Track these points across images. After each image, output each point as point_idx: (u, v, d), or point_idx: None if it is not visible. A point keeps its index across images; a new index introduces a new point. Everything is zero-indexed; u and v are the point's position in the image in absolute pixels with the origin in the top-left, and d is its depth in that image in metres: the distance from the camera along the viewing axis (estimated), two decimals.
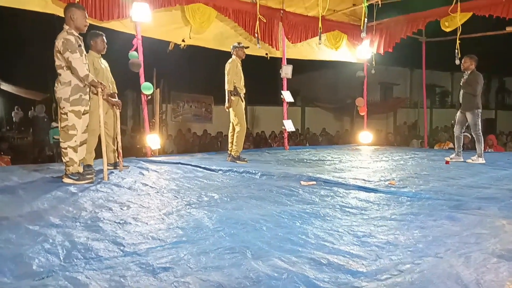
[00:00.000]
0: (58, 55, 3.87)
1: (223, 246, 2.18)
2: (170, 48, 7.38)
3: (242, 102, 5.99)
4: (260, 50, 7.88)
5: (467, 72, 6.01)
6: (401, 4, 8.03)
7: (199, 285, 1.73)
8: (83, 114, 4.02)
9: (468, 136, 7.73)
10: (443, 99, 24.02)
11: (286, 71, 8.06)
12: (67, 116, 3.92)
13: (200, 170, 5.07)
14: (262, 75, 15.75)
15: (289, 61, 8.27)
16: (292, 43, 8.32)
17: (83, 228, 2.54)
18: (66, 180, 4.01)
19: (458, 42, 7.27)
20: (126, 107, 14.42)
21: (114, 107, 4.77)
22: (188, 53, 7.61)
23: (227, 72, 5.89)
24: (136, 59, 6.18)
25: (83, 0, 5.62)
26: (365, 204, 3.23)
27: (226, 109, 6.01)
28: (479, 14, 7.37)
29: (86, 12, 4.11)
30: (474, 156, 6.04)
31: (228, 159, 6.03)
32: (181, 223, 2.65)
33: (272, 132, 14.87)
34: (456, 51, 7.12)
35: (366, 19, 5.29)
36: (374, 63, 9.00)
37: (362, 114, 9.60)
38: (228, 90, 5.86)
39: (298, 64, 8.69)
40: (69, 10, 3.98)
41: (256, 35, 7.51)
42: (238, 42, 6.17)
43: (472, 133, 6.07)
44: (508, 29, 7.77)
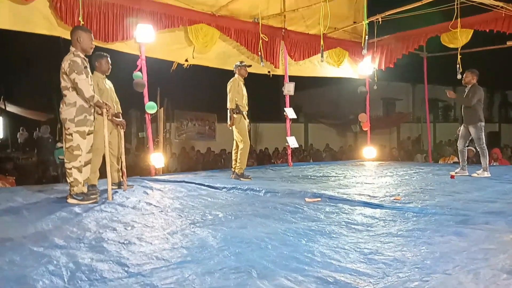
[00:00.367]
0: (64, 76, 3.92)
1: (228, 266, 2.17)
2: (173, 68, 7.47)
3: (245, 119, 6.02)
4: (262, 68, 7.96)
5: (468, 86, 6.06)
6: (401, 21, 8.10)
7: None
8: (88, 135, 4.05)
9: (472, 149, 7.70)
10: (446, 113, 24.04)
11: (289, 88, 8.12)
12: (72, 136, 3.94)
13: (204, 188, 5.06)
14: (265, 93, 15.88)
15: (291, 78, 8.33)
16: (295, 61, 8.40)
17: (87, 249, 2.52)
18: (71, 200, 4.00)
19: (460, 56, 7.31)
20: (131, 126, 14.49)
21: (119, 126, 4.81)
22: (191, 72, 7.69)
23: (228, 90, 5.95)
24: (140, 79, 6.25)
25: (88, 22, 5.69)
26: (371, 220, 3.20)
27: (229, 127, 6.04)
28: (480, 29, 7.42)
29: (92, 35, 4.18)
30: (479, 170, 6.00)
31: (232, 176, 6.02)
32: (185, 243, 2.63)
33: (276, 148, 14.86)
34: (458, 65, 7.15)
35: (367, 36, 5.33)
36: (376, 79, 9.04)
37: (365, 129, 9.61)
38: (230, 108, 5.91)
39: (300, 81, 8.75)
40: (75, 32, 4.05)
41: (259, 53, 7.60)
42: (241, 61, 6.25)
43: (477, 147, 6.05)
44: (509, 43, 7.82)
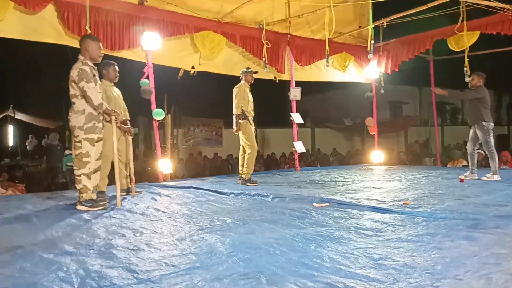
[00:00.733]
0: (73, 84, 3.97)
1: (237, 272, 2.16)
2: (179, 75, 7.52)
3: (251, 125, 6.04)
4: (269, 73, 7.98)
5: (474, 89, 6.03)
6: (406, 25, 8.08)
7: None
8: (97, 142, 4.08)
9: (481, 153, 7.62)
10: (454, 116, 23.84)
11: (295, 93, 8.13)
12: (81, 143, 3.98)
13: (212, 193, 5.08)
14: (271, 98, 15.86)
15: (297, 83, 8.34)
16: (300, 66, 8.41)
17: (96, 255, 2.54)
18: (80, 207, 4.04)
19: (467, 59, 7.25)
20: (138, 133, 14.59)
21: (126, 133, 4.84)
22: (198, 78, 7.73)
23: (234, 96, 5.98)
24: (147, 86, 6.30)
25: (95, 31, 5.76)
26: (380, 225, 3.18)
27: (234, 132, 6.06)
28: (486, 32, 7.37)
29: (100, 43, 4.23)
30: (488, 173, 5.94)
31: (239, 181, 6.03)
32: (194, 249, 2.64)
33: (283, 153, 14.84)
34: (465, 68, 7.10)
35: (373, 41, 5.32)
36: (383, 82, 9.02)
37: (372, 133, 9.57)
38: (236, 114, 5.93)
39: (306, 86, 8.75)
40: (84, 41, 4.11)
41: (263, 59, 7.62)
42: (247, 67, 6.28)
43: (485, 150, 6.00)
44: None
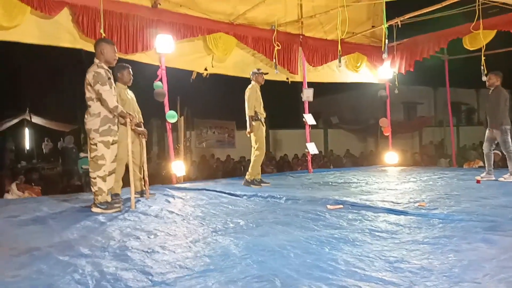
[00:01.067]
0: (89, 87, 4.01)
1: (251, 275, 2.15)
2: (192, 78, 7.56)
3: (263, 126, 6.04)
4: (281, 75, 7.96)
5: (492, 88, 5.97)
6: (421, 24, 7.97)
7: None
8: (112, 144, 4.12)
9: (498, 153, 7.48)
10: (469, 116, 23.45)
11: (308, 94, 8.10)
12: (97, 146, 4.03)
13: (225, 196, 5.08)
14: (283, 99, 15.85)
15: (310, 84, 8.31)
16: (313, 66, 8.37)
17: (111, 257, 2.56)
18: (95, 209, 4.08)
19: (484, 58, 7.12)
20: (152, 135, 14.72)
21: (140, 136, 4.88)
22: (210, 80, 7.77)
23: (247, 98, 5.97)
24: (160, 89, 6.34)
25: (109, 34, 5.81)
26: (395, 227, 3.14)
27: (247, 134, 6.06)
28: (503, 30, 7.22)
29: (115, 47, 4.28)
30: (506, 174, 5.82)
31: (243, 183, 6.02)
32: (208, 251, 2.64)
33: (295, 155, 14.79)
34: (482, 67, 6.98)
35: (387, 41, 5.25)
36: (397, 83, 8.92)
37: (386, 134, 9.48)
38: (249, 116, 5.93)
39: (319, 87, 8.71)
40: (99, 44, 4.15)
41: (274, 60, 7.59)
42: (258, 68, 6.28)
43: (503, 150, 5.89)
44: None
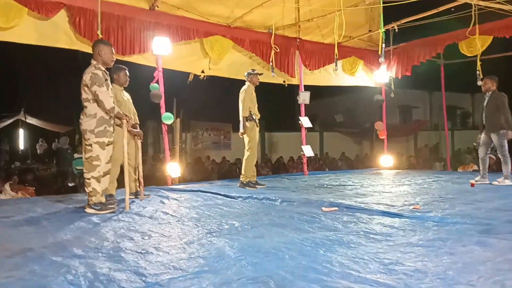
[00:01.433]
0: (86, 88, 4.00)
1: (245, 276, 2.14)
2: (189, 80, 7.54)
3: (257, 127, 6.04)
4: (278, 78, 7.97)
5: (488, 93, 5.94)
6: (418, 29, 8.00)
7: None
8: (107, 145, 4.11)
9: (492, 157, 7.53)
10: (464, 120, 23.58)
11: (304, 97, 8.11)
12: (92, 147, 4.01)
13: (220, 197, 5.07)
14: (280, 102, 15.88)
15: (306, 87, 8.33)
16: (309, 70, 8.39)
17: (105, 258, 2.54)
18: (89, 210, 4.05)
19: (479, 63, 7.15)
20: (147, 137, 14.69)
21: (136, 137, 4.87)
22: (206, 83, 7.75)
23: (242, 99, 5.95)
24: (157, 90, 6.33)
25: (106, 36, 5.79)
26: (390, 230, 3.14)
27: (240, 135, 6.04)
28: (499, 35, 7.24)
29: (112, 48, 4.27)
30: (500, 178, 5.85)
31: (238, 184, 6.02)
32: (202, 252, 2.63)
33: (291, 157, 14.79)
34: (478, 72, 7.01)
35: (383, 45, 5.26)
36: (393, 86, 8.95)
37: (381, 137, 9.51)
38: (243, 117, 5.92)
39: (315, 90, 8.71)
40: (97, 46, 4.15)
41: (270, 63, 7.58)
42: (252, 69, 6.27)
43: (499, 154, 5.92)
44: None
